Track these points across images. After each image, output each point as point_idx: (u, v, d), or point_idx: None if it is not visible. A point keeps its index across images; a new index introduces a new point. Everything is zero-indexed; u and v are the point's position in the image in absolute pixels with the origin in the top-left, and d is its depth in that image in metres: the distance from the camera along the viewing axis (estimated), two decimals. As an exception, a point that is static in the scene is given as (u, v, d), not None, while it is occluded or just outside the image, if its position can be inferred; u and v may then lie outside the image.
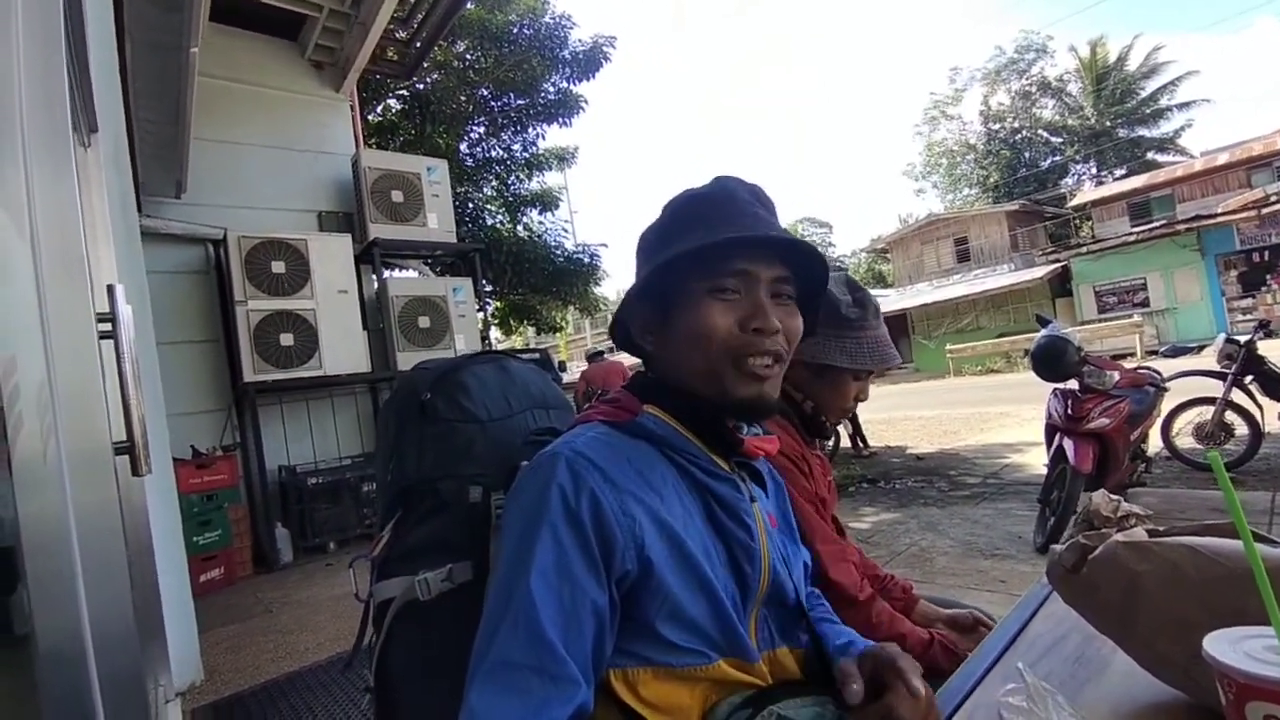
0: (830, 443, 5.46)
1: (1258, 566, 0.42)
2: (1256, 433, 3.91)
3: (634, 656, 0.59)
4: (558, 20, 8.35)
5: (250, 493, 4.65)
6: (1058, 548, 0.65)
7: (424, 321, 5.21)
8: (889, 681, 0.57)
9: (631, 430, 0.66)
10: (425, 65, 7.20)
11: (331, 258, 4.86)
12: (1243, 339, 3.98)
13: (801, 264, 0.68)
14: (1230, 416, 4.03)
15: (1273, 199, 13.67)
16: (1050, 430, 3.13)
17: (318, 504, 4.64)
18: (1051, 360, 3.06)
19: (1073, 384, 3.09)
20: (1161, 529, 0.62)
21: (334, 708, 2.15)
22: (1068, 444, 2.96)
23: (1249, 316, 13.47)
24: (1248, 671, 0.40)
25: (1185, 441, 4.21)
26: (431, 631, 0.70)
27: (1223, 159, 16.57)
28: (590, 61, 8.48)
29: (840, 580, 0.95)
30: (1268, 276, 13.75)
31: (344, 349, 4.81)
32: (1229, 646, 0.42)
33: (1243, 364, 3.92)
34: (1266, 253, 13.77)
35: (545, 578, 0.54)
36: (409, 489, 0.76)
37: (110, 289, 0.97)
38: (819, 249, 0.69)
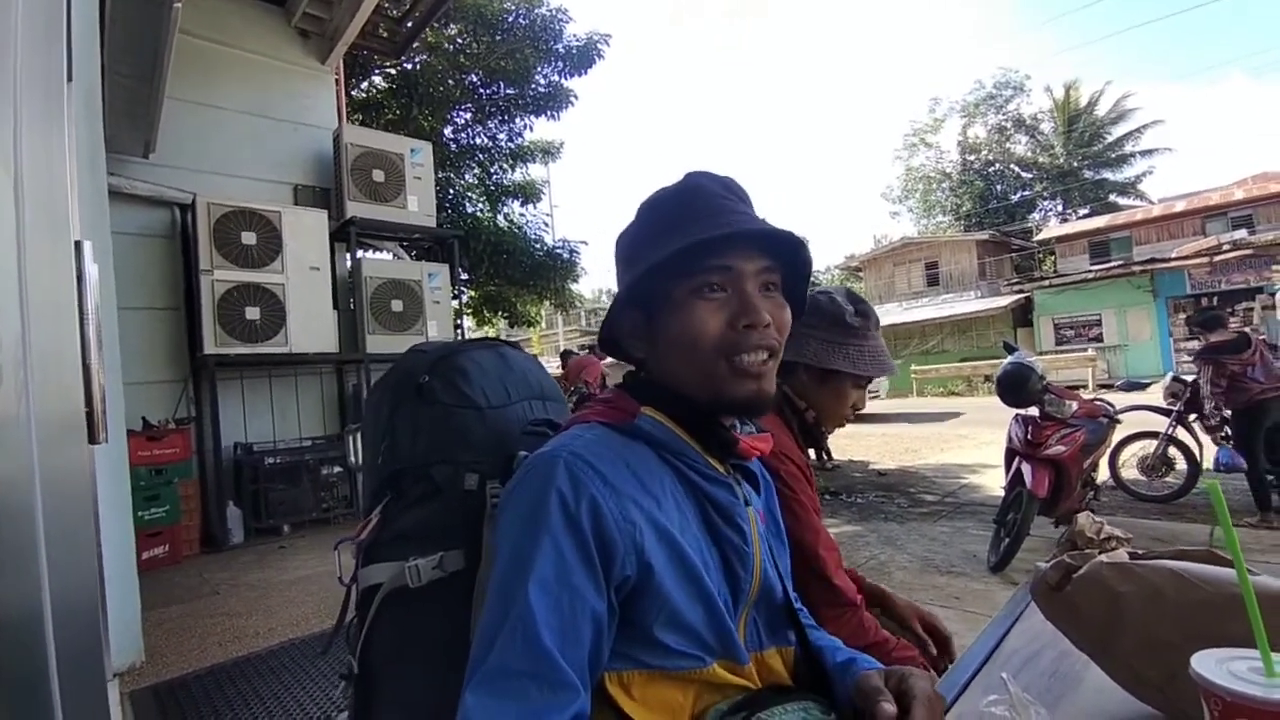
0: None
1: (1248, 591, 0.44)
2: (1194, 467, 4.11)
3: (629, 659, 0.59)
4: (553, 13, 8.29)
5: (203, 469, 4.48)
6: (1042, 565, 0.67)
7: (397, 305, 5.10)
8: (908, 705, 0.56)
9: (629, 432, 0.65)
10: (415, 45, 7.07)
11: (305, 232, 4.73)
12: (1189, 379, 4.19)
13: (783, 253, 0.67)
14: (1172, 451, 4.23)
15: (1225, 247, 14.40)
16: (1010, 454, 3.24)
17: (274, 485, 4.51)
18: (1015, 386, 3.16)
19: (1034, 411, 3.21)
20: (1141, 552, 0.64)
21: (284, 695, 2.09)
22: (1026, 468, 3.06)
23: (1192, 359, 14.13)
24: (1234, 690, 0.41)
25: (1130, 473, 4.40)
26: (419, 619, 0.69)
27: (1180, 206, 17.41)
28: (583, 57, 8.44)
29: (842, 585, 0.98)
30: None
31: (312, 327, 4.69)
32: (1215, 665, 0.44)
33: (1187, 403, 4.12)
34: (1215, 298, 14.48)
35: (544, 585, 0.53)
36: (401, 472, 0.74)
37: (78, 245, 0.92)
38: (797, 235, 0.66)
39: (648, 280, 0.65)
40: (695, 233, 0.62)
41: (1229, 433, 3.95)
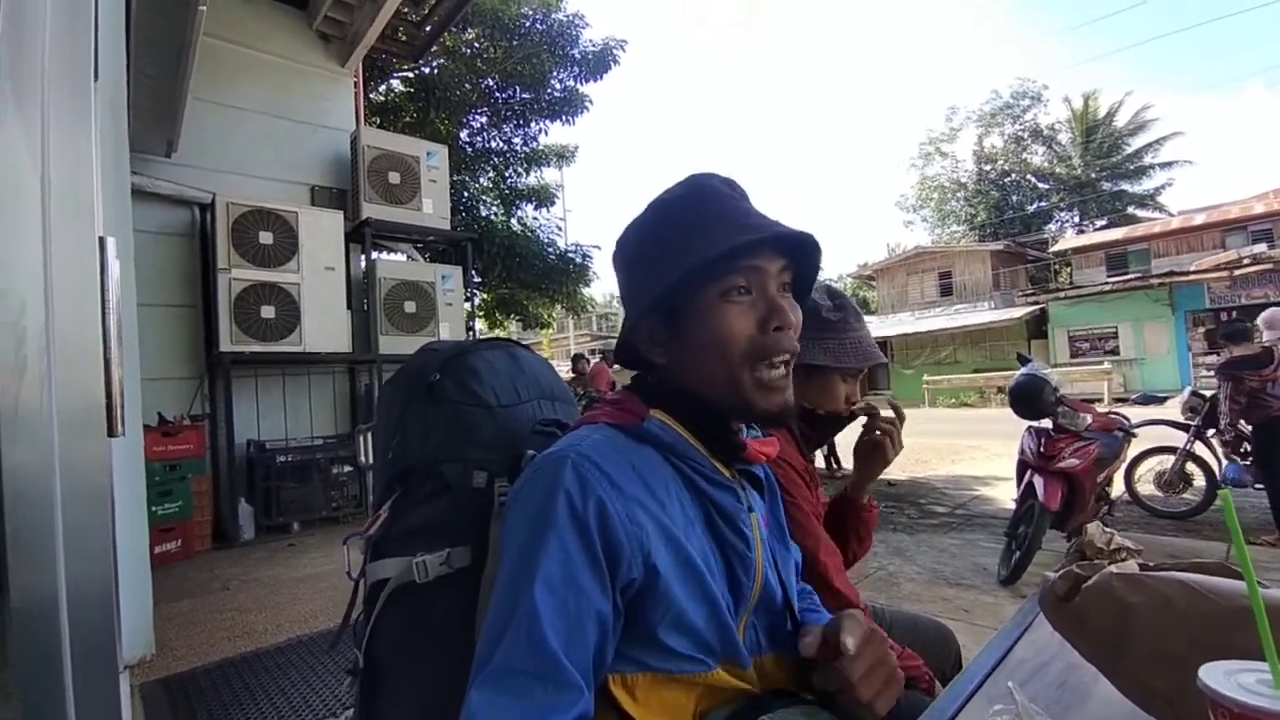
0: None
1: (1258, 604, 0.44)
2: (1213, 484, 4.03)
3: (634, 662, 0.59)
4: (570, 18, 8.36)
5: (215, 465, 4.54)
6: (1051, 575, 0.66)
7: (410, 306, 5.15)
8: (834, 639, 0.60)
9: (637, 434, 0.65)
10: (434, 50, 7.15)
11: (322, 233, 4.78)
12: (1208, 393, 4.12)
13: (797, 254, 0.68)
14: (1190, 467, 4.16)
15: (1245, 261, 14.18)
16: (1022, 466, 3.20)
17: (285, 482, 4.55)
18: (1029, 398, 3.13)
19: (1047, 423, 3.17)
20: (1152, 564, 0.63)
21: (291, 691, 2.10)
22: (1038, 481, 3.02)
23: (1212, 373, 13.91)
24: (1243, 702, 0.41)
25: (1146, 488, 4.33)
26: (425, 614, 0.69)
27: (1199, 219, 17.18)
28: (599, 63, 8.49)
29: (844, 590, 0.98)
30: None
31: (326, 327, 4.74)
32: (1224, 678, 0.43)
33: (1206, 417, 4.05)
34: (1235, 313, 14.24)
35: (550, 585, 0.54)
36: (411, 469, 0.75)
37: (102, 241, 0.95)
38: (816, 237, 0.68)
39: (675, 287, 0.65)
40: (723, 235, 0.62)
41: (1248, 449, 3.87)
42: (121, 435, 0.92)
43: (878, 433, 1.09)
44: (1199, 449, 4.11)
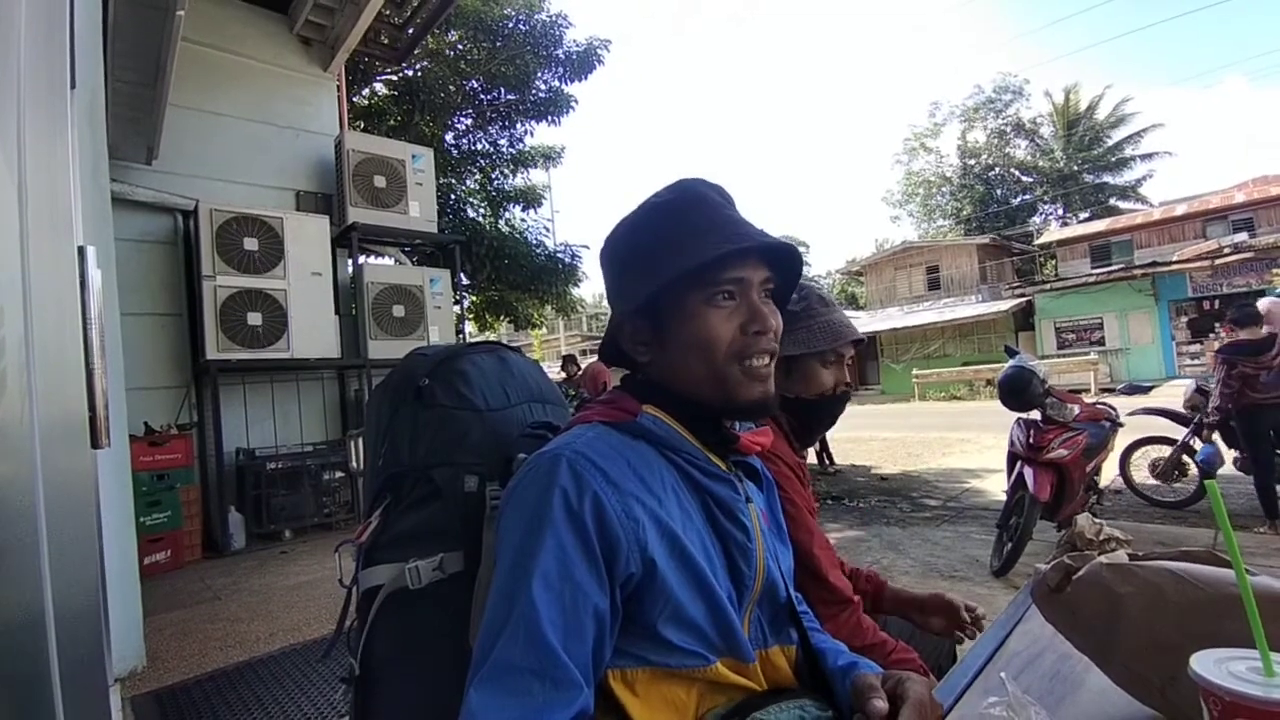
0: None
1: (1246, 592, 0.44)
2: (1205, 475, 4.07)
3: (633, 657, 0.59)
4: (554, 19, 8.34)
5: (204, 474, 4.49)
6: (1042, 567, 0.67)
7: (398, 310, 5.12)
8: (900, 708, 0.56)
9: (631, 431, 0.66)
10: (417, 52, 7.11)
11: (307, 238, 4.74)
12: (1211, 388, 4.15)
13: (779, 263, 0.71)
14: (1185, 459, 4.20)
15: (1226, 251, 14.39)
16: (1012, 458, 3.22)
17: (275, 490, 4.50)
18: (1017, 390, 3.15)
19: (1035, 414, 3.20)
20: (1141, 554, 0.64)
21: (285, 700, 2.08)
22: (1028, 472, 3.05)
23: (1196, 362, 14.13)
24: (1234, 690, 0.41)
25: (1140, 475, 4.38)
26: (420, 620, 0.69)
27: (1181, 210, 17.40)
28: (583, 63, 8.48)
29: (837, 584, 0.98)
30: (1216, 325, 14.43)
31: (314, 332, 4.69)
32: (1215, 666, 0.44)
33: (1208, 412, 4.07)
34: (1216, 302, 14.45)
35: (547, 581, 0.53)
36: (401, 475, 0.75)
37: (81, 250, 0.93)
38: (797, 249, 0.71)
39: (663, 291, 0.66)
40: (712, 244, 0.64)
41: (1216, 437, 3.91)
42: (107, 447, 0.90)
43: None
44: (1196, 443, 4.14)
